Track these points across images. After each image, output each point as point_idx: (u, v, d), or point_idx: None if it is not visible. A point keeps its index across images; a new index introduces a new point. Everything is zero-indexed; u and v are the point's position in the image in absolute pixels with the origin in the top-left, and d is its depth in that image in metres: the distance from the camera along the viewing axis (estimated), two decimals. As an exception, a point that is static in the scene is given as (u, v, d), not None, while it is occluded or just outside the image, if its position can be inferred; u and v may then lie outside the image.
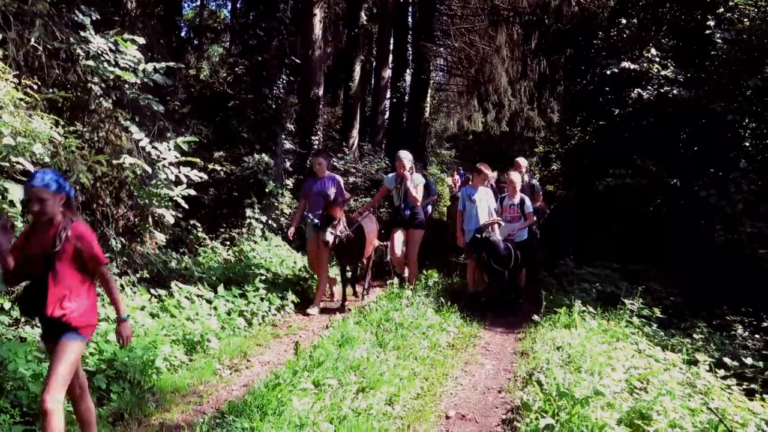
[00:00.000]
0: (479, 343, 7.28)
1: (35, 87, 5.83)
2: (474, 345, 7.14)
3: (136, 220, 7.44)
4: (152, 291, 7.03)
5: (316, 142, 13.83)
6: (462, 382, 5.90)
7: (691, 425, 4.33)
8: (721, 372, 5.76)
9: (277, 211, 11.47)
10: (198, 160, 7.49)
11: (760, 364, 6.12)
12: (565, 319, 7.16)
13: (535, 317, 7.37)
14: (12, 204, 5.36)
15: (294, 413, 4.46)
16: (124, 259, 7.52)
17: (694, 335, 6.97)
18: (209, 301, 7.18)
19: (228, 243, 10.47)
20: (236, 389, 5.44)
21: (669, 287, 8.46)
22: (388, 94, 20.80)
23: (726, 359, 6.15)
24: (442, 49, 23.64)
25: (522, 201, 8.86)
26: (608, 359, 5.73)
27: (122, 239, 7.57)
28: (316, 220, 8.24)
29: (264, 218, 10.86)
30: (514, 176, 9.07)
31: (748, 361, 6.10)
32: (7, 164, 5.46)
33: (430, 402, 5.23)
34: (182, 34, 17.77)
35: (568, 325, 6.97)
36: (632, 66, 10.40)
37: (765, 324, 7.38)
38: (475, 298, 8.76)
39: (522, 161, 10.51)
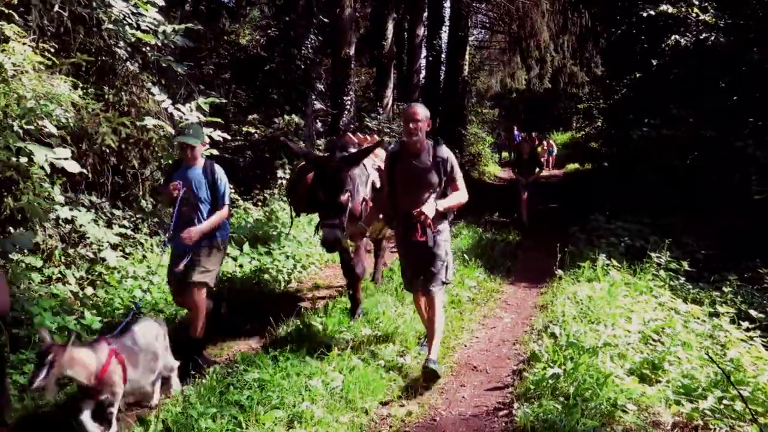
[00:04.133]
0: (500, 298, 7.28)
1: (52, 51, 5.94)
2: (495, 299, 7.15)
3: (163, 180, 7.60)
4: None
5: (348, 102, 13.81)
6: (478, 335, 5.93)
7: (704, 376, 4.27)
8: (746, 324, 5.64)
9: (308, 172, 11.55)
10: (220, 120, 7.57)
11: (787, 315, 5.97)
12: (588, 273, 7.09)
13: (559, 271, 7.31)
14: (40, 167, 5.53)
15: (306, 364, 4.57)
16: (155, 219, 7.75)
17: (724, 288, 6.82)
18: (234, 259, 7.34)
19: (260, 203, 10.64)
20: (254, 343, 5.59)
21: (700, 240, 8.27)
22: (424, 53, 20.53)
23: (752, 311, 6.03)
24: (480, 4, 23.16)
25: None
26: (628, 312, 5.68)
27: (152, 200, 7.79)
28: None
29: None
30: None
31: (774, 312, 5.96)
32: (33, 127, 5.63)
33: (443, 353, 5.26)
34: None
35: (591, 279, 6.90)
36: (670, 9, 9.99)
37: (798, 276, 7.17)
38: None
39: None
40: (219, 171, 4.89)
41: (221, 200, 4.84)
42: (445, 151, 4.69)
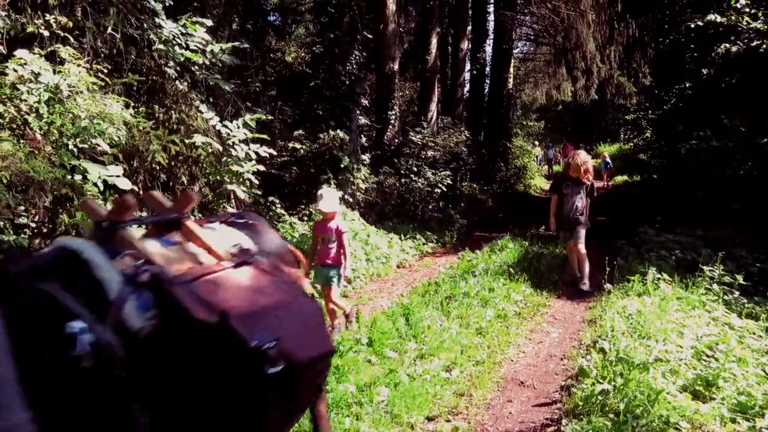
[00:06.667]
0: (547, 312, 7.18)
1: (105, 71, 6.14)
2: (542, 314, 7.05)
3: (211, 196, 7.76)
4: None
5: (393, 117, 13.89)
6: (525, 349, 5.86)
7: (761, 393, 4.13)
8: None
9: (353, 186, 11.64)
10: (266, 137, 7.71)
11: None
12: (638, 287, 6.93)
13: (607, 285, 7.17)
14: (94, 185, 5.71)
15: (352, 379, 4.59)
16: (203, 234, 7.89)
17: (781, 302, 6.59)
18: (281, 273, 7.42)
19: (306, 218, 10.74)
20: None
21: (755, 253, 8.00)
22: (468, 66, 20.52)
23: (811, 326, 5.80)
24: (524, 17, 23.09)
25: None
26: (680, 327, 5.53)
27: (200, 215, 7.95)
28: None
29: (340, 193, 11.04)
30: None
31: (836, 328, 5.72)
32: (87, 146, 5.82)
33: (489, 369, 5.22)
34: (269, 17, 18.16)
35: (641, 294, 6.74)
36: (719, 19, 9.78)
37: None
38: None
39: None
40: None
41: None
42: None
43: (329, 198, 5.90)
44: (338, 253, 5.90)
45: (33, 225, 5.56)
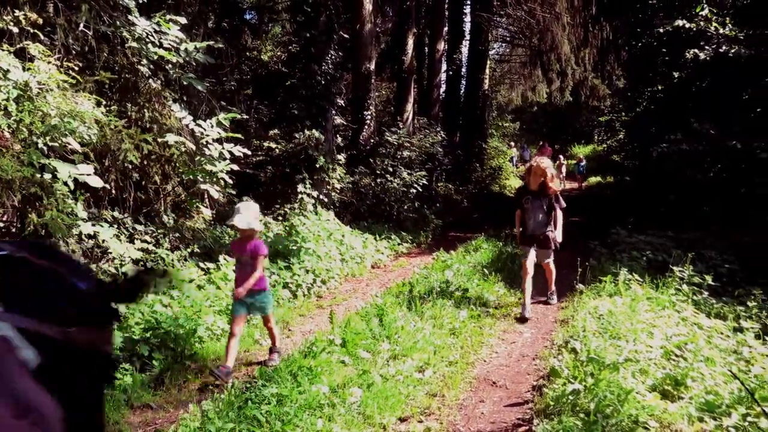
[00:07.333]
0: (521, 312, 7.22)
1: (76, 69, 6.06)
2: (515, 314, 7.09)
3: (184, 195, 7.70)
4: (201, 264, 7.28)
5: (369, 117, 13.89)
6: (498, 349, 5.89)
7: (728, 392, 4.20)
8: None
9: (328, 186, 11.63)
10: (240, 136, 7.66)
11: (814, 331, 5.84)
12: (610, 287, 7.01)
13: (580, 286, 7.24)
14: (64, 184, 5.63)
15: (325, 380, 4.59)
16: (176, 234, 7.82)
17: (748, 303, 6.70)
18: (254, 273, 7.38)
19: (281, 218, 10.70)
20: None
21: (725, 254, 8.14)
22: (444, 67, 20.59)
23: (777, 327, 5.92)
24: (500, 19, 23.22)
25: None
26: (650, 327, 5.61)
27: (174, 215, 7.88)
28: None
29: (315, 193, 11.02)
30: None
31: (802, 328, 5.84)
32: (57, 144, 5.74)
33: (462, 369, 5.24)
34: (245, 16, 17.97)
35: (613, 294, 6.82)
36: (687, 24, 9.95)
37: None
38: None
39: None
40: None
41: None
42: None
43: (247, 213, 5.06)
44: (260, 277, 5.13)
45: (1, 224, 5.47)
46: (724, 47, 9.48)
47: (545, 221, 7.09)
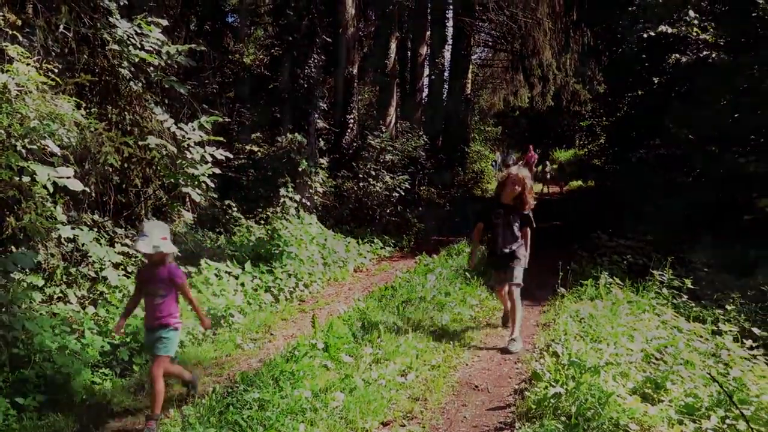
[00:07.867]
0: (502, 316, 7.24)
1: (56, 71, 5.99)
2: (497, 317, 7.11)
3: (165, 199, 7.64)
4: (182, 268, 7.20)
5: (351, 121, 13.89)
6: (480, 353, 5.90)
7: (707, 395, 4.24)
8: (750, 343, 5.65)
9: (310, 190, 11.60)
10: (222, 139, 7.62)
11: (791, 333, 5.93)
12: (591, 291, 7.08)
13: (561, 290, 7.28)
14: (43, 187, 5.55)
15: (307, 384, 4.57)
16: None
17: (727, 306, 6.78)
18: (236, 277, 7.35)
19: (263, 222, 10.66)
20: (255, 362, 5.58)
21: (704, 258, 8.23)
22: (427, 71, 20.63)
23: (755, 329, 6.00)
24: (483, 23, 23.32)
25: None
26: (630, 330, 5.66)
27: (154, 218, 7.81)
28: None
29: (298, 197, 10.99)
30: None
31: (778, 330, 5.93)
32: (36, 147, 5.66)
33: (444, 373, 5.25)
34: (227, 19, 17.82)
35: (594, 298, 6.88)
36: (670, 30, 10.05)
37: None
38: None
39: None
40: None
41: None
42: None
43: (152, 234, 4.14)
44: (168, 310, 4.31)
45: (-22, 228, 5.40)
46: (704, 52, 9.60)
47: (515, 239, 6.23)
